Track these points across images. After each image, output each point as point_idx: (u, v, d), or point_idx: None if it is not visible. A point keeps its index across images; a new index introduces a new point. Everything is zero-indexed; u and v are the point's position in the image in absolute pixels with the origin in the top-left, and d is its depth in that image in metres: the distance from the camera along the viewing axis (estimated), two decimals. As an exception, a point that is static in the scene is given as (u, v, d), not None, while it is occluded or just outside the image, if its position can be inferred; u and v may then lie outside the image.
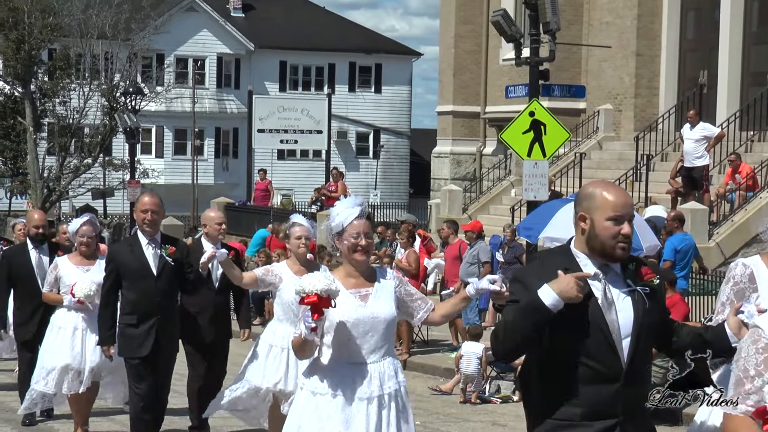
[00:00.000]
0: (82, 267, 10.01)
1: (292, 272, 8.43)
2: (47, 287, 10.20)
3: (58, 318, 10.08)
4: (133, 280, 8.90)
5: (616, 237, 4.57)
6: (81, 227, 10.03)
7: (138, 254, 8.91)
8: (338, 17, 58.78)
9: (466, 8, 33.93)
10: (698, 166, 21.26)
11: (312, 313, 5.41)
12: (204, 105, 50.70)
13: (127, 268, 8.91)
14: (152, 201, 8.97)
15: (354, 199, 5.87)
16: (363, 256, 5.79)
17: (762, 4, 25.63)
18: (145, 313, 8.87)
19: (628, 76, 27.71)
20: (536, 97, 16.10)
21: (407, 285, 6.02)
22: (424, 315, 6.02)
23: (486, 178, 30.12)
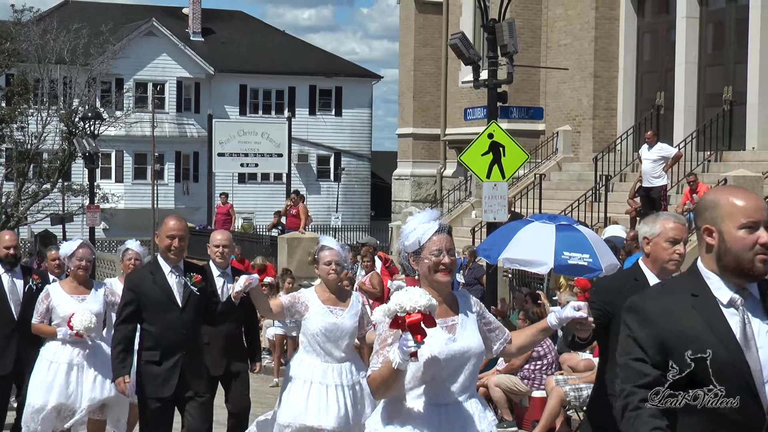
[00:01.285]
0: (76, 296, 9.12)
1: (320, 300, 7.84)
2: (37, 318, 9.22)
3: (49, 352, 9.16)
4: (155, 311, 7.89)
5: (753, 248, 3.86)
6: (77, 250, 9.15)
7: (161, 283, 7.93)
8: (298, 40, 58.85)
9: (425, 31, 34.11)
10: (656, 186, 21.46)
11: (414, 333, 4.59)
12: (164, 129, 50.53)
13: (148, 298, 7.90)
14: (180, 225, 8.07)
15: (430, 213, 5.14)
16: (447, 276, 5.07)
17: (716, 26, 25.95)
18: (168, 348, 7.85)
19: (587, 98, 27.94)
20: (495, 119, 16.19)
21: (486, 312, 5.34)
22: (500, 347, 5.36)
23: (446, 199, 30.22)
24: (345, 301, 7.95)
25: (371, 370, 4.83)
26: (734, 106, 24.73)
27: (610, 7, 27.60)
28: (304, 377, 7.84)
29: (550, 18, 29.19)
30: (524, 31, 28.41)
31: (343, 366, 7.89)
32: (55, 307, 9.12)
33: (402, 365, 4.64)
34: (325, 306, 7.87)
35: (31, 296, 9.73)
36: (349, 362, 7.95)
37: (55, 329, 9.10)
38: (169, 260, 7.98)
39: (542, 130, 29.15)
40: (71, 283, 9.24)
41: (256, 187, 52.14)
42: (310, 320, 7.79)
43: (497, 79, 16.29)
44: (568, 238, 13.75)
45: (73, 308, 9.00)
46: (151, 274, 8.00)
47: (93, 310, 9.01)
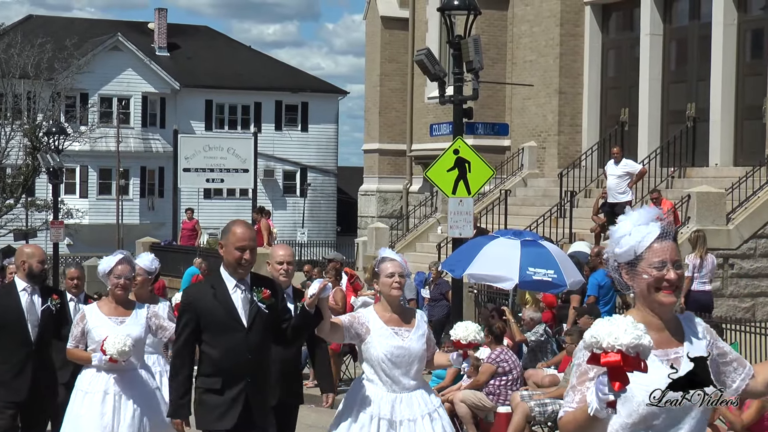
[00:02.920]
0: (114, 318, 8.11)
1: (382, 321, 6.88)
2: (72, 342, 8.21)
3: (84, 381, 8.16)
4: (216, 332, 6.74)
5: None
6: (116, 266, 8.11)
7: (223, 299, 6.78)
8: (264, 56, 58.83)
9: (391, 47, 34.18)
10: (621, 202, 21.56)
11: (612, 379, 3.60)
12: (129, 144, 50.33)
13: (209, 317, 6.76)
14: (250, 234, 6.85)
15: (649, 212, 4.06)
16: (671, 296, 4.00)
17: (679, 43, 26.17)
18: (231, 375, 6.71)
19: (552, 114, 28.07)
20: (460, 135, 16.22)
21: (719, 341, 4.18)
22: (741, 384, 4.16)
23: (412, 215, 30.25)
24: (410, 321, 6.97)
25: (564, 411, 3.89)
26: (697, 123, 24.94)
27: (575, 24, 27.78)
28: (371, 412, 6.81)
29: (516, 34, 29.34)
30: (490, 48, 28.53)
31: (413, 396, 6.91)
32: (91, 330, 8.11)
33: (599, 413, 3.69)
34: (389, 327, 6.89)
35: (50, 317, 8.89)
36: (421, 389, 6.99)
37: (90, 355, 8.09)
38: (235, 274, 6.80)
39: (507, 146, 29.25)
40: (109, 303, 8.21)
41: (221, 203, 52.00)
42: (372, 344, 6.82)
43: (463, 95, 16.32)
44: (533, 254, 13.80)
45: (111, 332, 8.01)
46: (212, 288, 6.83)
47: (132, 335, 8.02)
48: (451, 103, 16.48)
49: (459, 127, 16.36)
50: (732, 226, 20.64)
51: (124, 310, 8.17)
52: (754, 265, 20.86)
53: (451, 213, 15.97)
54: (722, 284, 20.57)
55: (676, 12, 26.23)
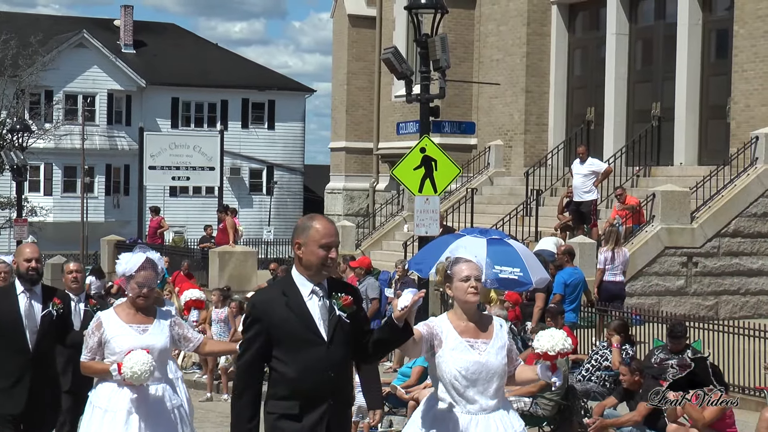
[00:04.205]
0: (136, 326, 7.11)
1: (456, 332, 6.03)
2: (87, 355, 7.17)
3: (101, 397, 7.12)
4: (291, 347, 5.72)
5: None
6: (139, 272, 7.13)
7: (298, 309, 5.75)
8: (230, 53, 58.64)
9: (358, 45, 34.16)
10: (587, 201, 21.68)
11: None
12: (94, 142, 50.02)
13: (282, 329, 5.71)
14: (335, 230, 5.85)
15: None
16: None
17: (645, 43, 26.32)
18: (311, 397, 5.70)
19: (518, 113, 28.15)
20: (427, 133, 16.23)
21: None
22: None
23: (379, 213, 30.25)
24: (486, 330, 6.11)
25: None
26: (662, 122, 25.09)
27: (542, 23, 27.87)
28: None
29: (483, 33, 29.40)
30: (457, 47, 28.57)
31: (492, 418, 6.07)
32: (110, 341, 7.08)
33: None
34: (464, 339, 6.03)
35: (50, 323, 8.07)
36: (501, 410, 6.13)
37: (108, 367, 7.07)
38: (316, 277, 5.77)
39: (474, 144, 29.31)
40: (129, 308, 7.20)
41: (187, 201, 51.80)
42: (443, 359, 5.97)
43: (429, 94, 16.34)
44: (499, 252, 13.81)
45: (133, 342, 7.03)
46: (283, 295, 5.77)
47: (156, 345, 7.08)
48: (418, 101, 16.49)
49: (426, 126, 16.38)
50: (696, 224, 20.79)
51: (146, 317, 7.16)
52: (717, 263, 21.02)
53: (417, 211, 15.98)
54: (686, 282, 20.71)
55: (641, 12, 26.38)
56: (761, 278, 21.47)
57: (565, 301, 15.93)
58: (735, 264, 21.16)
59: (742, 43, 22.54)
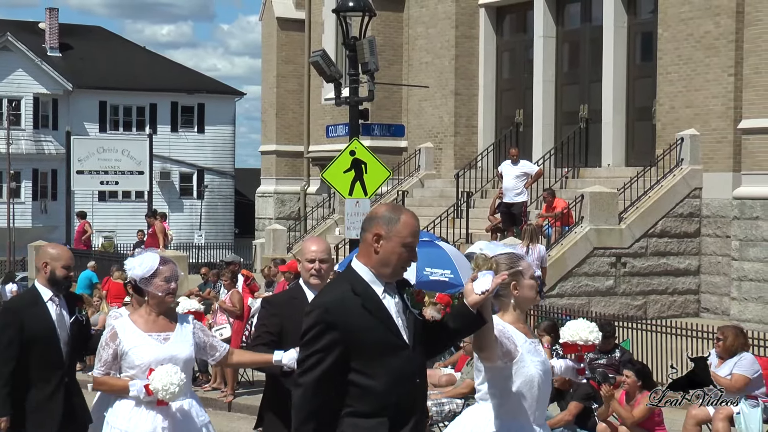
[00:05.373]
0: (156, 334, 6.31)
1: (524, 336, 5.35)
2: (101, 369, 6.34)
3: (120, 418, 6.28)
4: (375, 356, 4.90)
5: None
6: (161, 266, 6.32)
7: (377, 310, 4.96)
8: (159, 56, 58.17)
9: (288, 48, 34.08)
10: (518, 202, 21.87)
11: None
12: (20, 146, 49.29)
13: (363, 336, 4.88)
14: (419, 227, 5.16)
15: None
16: None
17: (572, 45, 26.58)
18: (402, 408, 4.96)
19: (448, 115, 28.28)
20: (356, 136, 16.26)
21: None
22: None
23: (310, 216, 30.20)
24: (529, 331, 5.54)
25: None
26: (590, 124, 25.36)
27: (470, 26, 28.02)
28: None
29: (412, 36, 29.50)
30: (385, 49, 28.62)
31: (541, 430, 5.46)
32: (128, 352, 6.27)
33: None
34: (529, 340, 5.38)
35: (79, 331, 7.37)
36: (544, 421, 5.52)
37: (126, 383, 6.27)
38: (392, 276, 5.04)
39: (404, 147, 29.39)
40: (148, 315, 6.35)
41: (117, 205, 51.28)
42: (524, 364, 5.28)
43: (359, 97, 16.38)
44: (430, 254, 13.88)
45: (155, 353, 6.24)
46: (355, 295, 4.93)
47: (181, 355, 6.28)
48: (347, 104, 16.52)
49: (355, 129, 16.41)
50: (624, 225, 21.05)
51: (167, 323, 6.34)
52: (645, 263, 21.30)
53: (348, 214, 15.99)
54: (615, 282, 20.96)
55: (568, 14, 26.64)
56: (688, 278, 21.80)
57: (495, 303, 16.00)
58: (662, 264, 21.46)
59: (666, 46, 22.86)
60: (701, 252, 21.93)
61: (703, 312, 21.79)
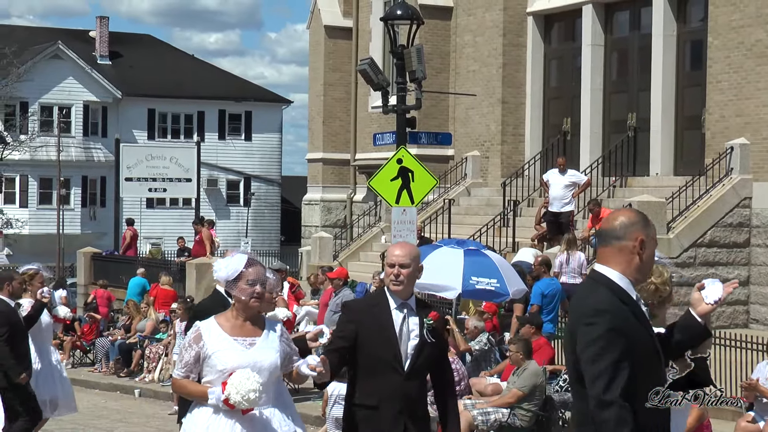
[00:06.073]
0: (241, 339, 6.07)
1: None
2: (182, 370, 6.11)
3: (199, 426, 6.03)
4: (641, 366, 4.55)
5: None
6: (248, 269, 6.09)
7: (644, 321, 4.70)
8: (207, 65, 58.57)
9: (335, 56, 34.16)
10: (565, 212, 21.74)
11: None
12: (70, 153, 49.82)
13: (637, 345, 4.55)
14: None
15: None
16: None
17: (620, 54, 26.42)
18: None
19: (495, 124, 28.20)
20: (403, 144, 16.25)
21: None
22: None
23: (356, 224, 30.22)
24: None
25: None
26: (638, 133, 25.18)
27: (518, 34, 27.94)
28: None
29: (459, 44, 29.46)
30: (433, 57, 28.61)
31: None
32: (211, 356, 6.02)
33: None
34: None
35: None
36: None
37: (205, 390, 6.01)
38: (636, 282, 4.81)
39: (451, 155, 29.34)
40: (235, 318, 6.12)
41: (164, 212, 51.66)
42: None
43: (406, 105, 16.37)
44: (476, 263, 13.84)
45: (238, 358, 6.00)
46: (623, 303, 4.61)
47: (264, 363, 6.04)
48: (395, 112, 16.52)
49: (402, 137, 16.40)
50: (672, 235, 20.87)
51: (254, 329, 6.10)
52: (694, 273, 21.08)
53: (394, 222, 15.98)
54: (663, 292, 20.76)
55: (617, 23, 26.49)
56: (737, 288, 21.54)
57: (542, 312, 15.95)
58: (711, 274, 21.23)
59: (716, 54, 22.66)
60: (750, 262, 21.69)
61: (752, 323, 21.54)
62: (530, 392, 12.07)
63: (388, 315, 6.13)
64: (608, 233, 4.71)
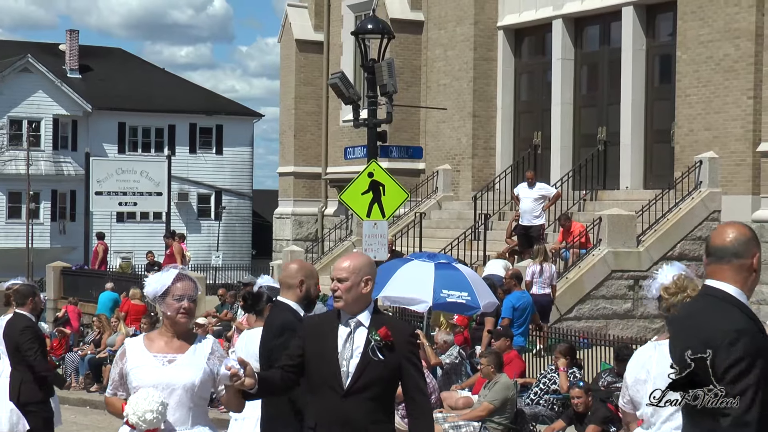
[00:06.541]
0: (161, 356, 5.88)
1: None
2: (110, 389, 6.07)
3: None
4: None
5: None
6: (175, 284, 5.91)
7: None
8: (177, 78, 58.44)
9: (306, 70, 34.17)
10: (536, 225, 21.81)
11: None
12: (40, 167, 49.53)
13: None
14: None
15: None
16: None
17: (590, 68, 26.57)
18: None
19: (466, 137, 28.27)
20: (375, 158, 16.27)
21: None
22: None
23: (328, 238, 30.20)
24: None
25: None
26: (608, 146, 25.31)
27: (488, 48, 28.05)
28: None
29: (430, 58, 29.53)
30: (404, 71, 28.67)
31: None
32: (129, 373, 5.90)
33: None
34: None
35: None
36: None
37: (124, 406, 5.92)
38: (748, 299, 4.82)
39: (422, 169, 29.39)
40: (163, 335, 5.98)
41: (135, 226, 51.42)
42: None
43: (377, 119, 16.40)
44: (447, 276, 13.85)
45: (153, 375, 5.84)
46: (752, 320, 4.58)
47: (179, 381, 5.83)
48: (366, 126, 16.54)
49: (373, 150, 16.42)
50: (642, 248, 20.97)
51: (179, 345, 5.92)
52: (664, 286, 21.17)
53: (365, 236, 15.98)
54: (633, 306, 20.87)
55: (586, 37, 26.64)
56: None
57: (513, 325, 15.98)
58: (681, 286, 21.33)
59: (684, 69, 22.83)
60: (720, 275, 21.80)
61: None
62: (501, 405, 12.08)
63: (333, 331, 5.77)
64: (725, 250, 4.60)
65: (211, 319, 20.71)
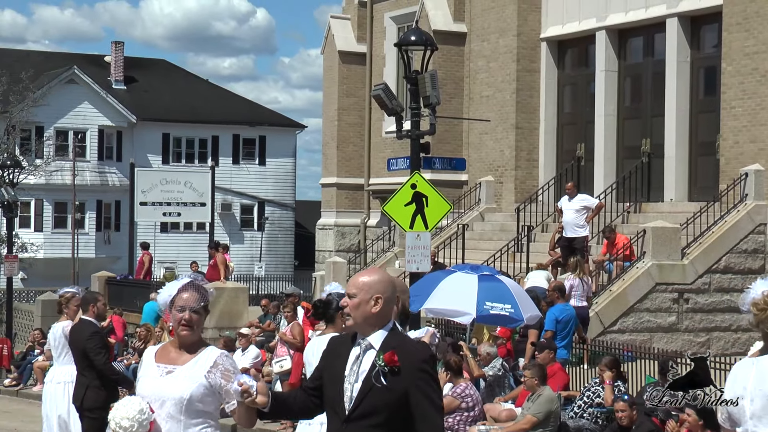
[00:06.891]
0: (163, 366, 5.84)
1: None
2: None
3: None
4: None
5: None
6: (180, 294, 5.86)
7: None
8: (221, 89, 58.78)
9: (349, 81, 34.27)
10: (579, 237, 21.70)
11: None
12: (85, 178, 49.99)
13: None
14: None
15: None
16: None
17: (634, 80, 26.46)
18: None
19: (509, 149, 28.24)
20: (417, 169, 16.27)
21: None
22: None
23: (370, 249, 30.24)
24: None
25: None
26: (652, 158, 25.19)
27: (531, 59, 28.02)
28: None
29: (473, 70, 29.54)
30: (447, 83, 28.69)
31: None
32: (137, 383, 6.01)
33: None
34: None
35: None
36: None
37: None
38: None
39: (465, 180, 29.37)
40: (174, 345, 5.92)
41: (178, 237, 51.72)
42: None
43: (420, 130, 16.40)
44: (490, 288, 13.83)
45: (150, 386, 5.82)
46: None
47: (171, 394, 5.73)
48: (409, 137, 16.54)
49: (416, 162, 16.42)
50: (687, 260, 20.83)
51: (181, 356, 5.82)
52: (708, 299, 21.04)
53: (408, 247, 15.98)
54: (677, 319, 20.73)
55: (630, 49, 26.54)
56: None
57: (556, 338, 15.92)
58: (726, 300, 21.18)
59: (730, 80, 22.68)
60: (766, 288, 21.60)
61: (767, 349, 21.44)
62: (545, 418, 12.04)
63: (346, 352, 5.44)
64: None
65: (254, 329, 20.80)
